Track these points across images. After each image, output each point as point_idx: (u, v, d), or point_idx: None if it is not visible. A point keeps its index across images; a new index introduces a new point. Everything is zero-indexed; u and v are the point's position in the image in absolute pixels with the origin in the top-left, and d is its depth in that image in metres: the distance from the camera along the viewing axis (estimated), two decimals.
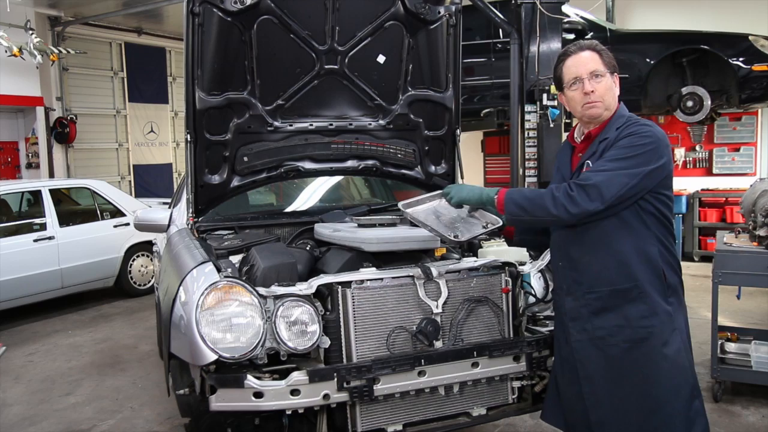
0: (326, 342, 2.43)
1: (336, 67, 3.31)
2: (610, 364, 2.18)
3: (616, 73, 2.21)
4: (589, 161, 2.16)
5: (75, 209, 7.33)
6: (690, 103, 6.55)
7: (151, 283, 7.43)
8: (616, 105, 2.22)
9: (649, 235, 2.14)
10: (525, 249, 3.03)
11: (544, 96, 5.92)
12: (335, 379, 2.34)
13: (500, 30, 6.97)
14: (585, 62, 2.18)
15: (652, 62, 6.54)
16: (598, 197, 2.04)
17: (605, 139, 2.16)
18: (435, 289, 2.57)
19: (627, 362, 2.15)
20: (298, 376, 2.32)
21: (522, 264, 2.86)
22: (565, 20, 6.44)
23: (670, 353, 2.12)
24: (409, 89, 3.52)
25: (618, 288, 2.14)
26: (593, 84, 2.16)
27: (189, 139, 3.11)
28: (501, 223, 2.48)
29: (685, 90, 6.56)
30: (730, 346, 4.08)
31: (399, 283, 2.54)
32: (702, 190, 8.49)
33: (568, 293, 2.26)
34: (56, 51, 9.28)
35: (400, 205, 2.69)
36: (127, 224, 7.01)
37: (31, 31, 8.84)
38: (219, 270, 2.47)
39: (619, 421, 2.18)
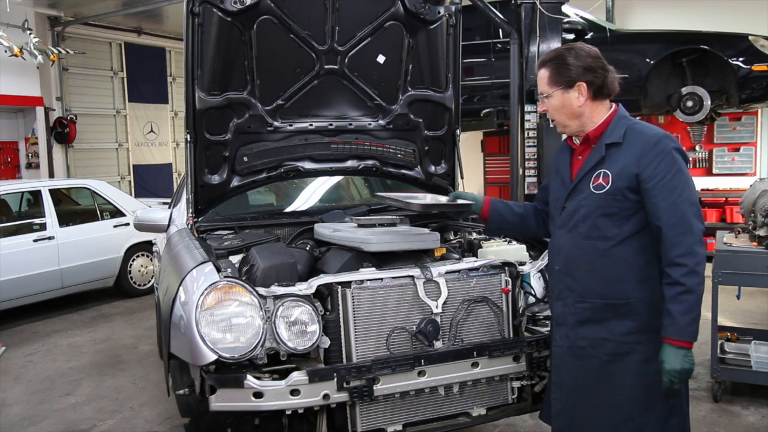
0: (326, 342, 2.43)
1: (336, 67, 3.31)
2: (586, 374, 2.16)
3: (580, 82, 2.11)
4: (606, 170, 2.08)
5: (75, 209, 7.32)
6: (690, 103, 6.53)
7: (151, 283, 7.42)
8: (583, 116, 2.14)
9: (653, 254, 2.07)
10: (525, 249, 3.03)
11: None
12: (335, 379, 2.35)
13: (500, 30, 6.97)
14: (539, 81, 2.21)
15: (651, 62, 6.53)
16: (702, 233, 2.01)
17: (614, 144, 2.09)
18: (435, 289, 2.57)
19: (603, 374, 2.13)
20: (297, 376, 2.32)
21: (522, 264, 2.86)
22: (565, 20, 6.43)
23: (650, 370, 2.07)
24: (409, 89, 3.52)
25: (610, 302, 2.10)
26: (545, 104, 2.20)
27: (189, 139, 3.11)
28: (472, 203, 2.57)
29: (685, 90, 6.55)
30: (730, 346, 4.08)
31: (399, 283, 2.54)
32: (702, 190, 8.46)
33: (558, 298, 2.25)
34: (56, 51, 9.27)
35: (378, 193, 2.79)
36: (127, 224, 7.00)
37: (29, 31, 8.84)
38: (219, 270, 2.46)
39: (582, 430, 2.17)
